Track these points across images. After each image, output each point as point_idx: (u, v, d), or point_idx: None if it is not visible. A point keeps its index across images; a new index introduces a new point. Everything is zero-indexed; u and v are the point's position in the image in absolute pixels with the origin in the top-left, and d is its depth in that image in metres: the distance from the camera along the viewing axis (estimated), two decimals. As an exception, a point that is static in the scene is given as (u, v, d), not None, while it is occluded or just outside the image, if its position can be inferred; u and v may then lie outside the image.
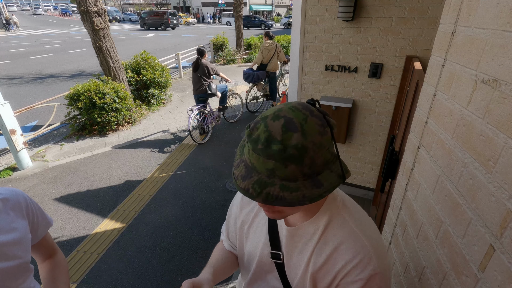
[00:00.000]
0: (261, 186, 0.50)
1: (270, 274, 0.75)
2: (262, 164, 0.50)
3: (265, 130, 0.50)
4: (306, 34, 2.67)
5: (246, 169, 0.53)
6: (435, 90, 0.85)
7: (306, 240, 0.66)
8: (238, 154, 0.59)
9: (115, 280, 2.33)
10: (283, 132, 0.49)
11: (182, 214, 3.09)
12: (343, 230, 0.62)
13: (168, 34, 22.85)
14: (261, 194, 0.49)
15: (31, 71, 10.01)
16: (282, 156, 0.48)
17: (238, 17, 11.48)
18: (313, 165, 0.50)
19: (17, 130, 3.84)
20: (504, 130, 0.53)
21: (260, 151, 0.50)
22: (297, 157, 0.48)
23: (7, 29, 24.33)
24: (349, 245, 0.60)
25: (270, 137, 0.49)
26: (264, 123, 0.51)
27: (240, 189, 0.52)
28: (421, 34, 2.24)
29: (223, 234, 0.92)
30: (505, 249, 0.51)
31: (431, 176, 0.84)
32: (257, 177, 0.51)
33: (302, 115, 0.51)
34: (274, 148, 0.48)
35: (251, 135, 0.52)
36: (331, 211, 0.64)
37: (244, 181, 0.52)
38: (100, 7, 4.94)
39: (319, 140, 0.50)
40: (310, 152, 0.49)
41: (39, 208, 0.88)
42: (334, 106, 2.70)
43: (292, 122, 0.50)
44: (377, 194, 2.96)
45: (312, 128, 0.50)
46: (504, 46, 0.55)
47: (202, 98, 4.63)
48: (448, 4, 0.82)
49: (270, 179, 0.50)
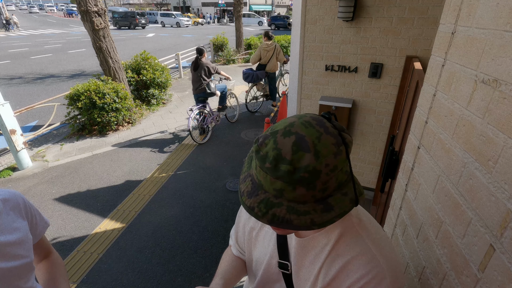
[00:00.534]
0: (267, 206, 0.47)
1: (277, 284, 0.72)
2: (269, 184, 0.47)
3: (274, 148, 0.46)
4: (306, 34, 2.67)
5: (252, 185, 0.50)
6: (435, 90, 0.85)
7: (317, 252, 0.62)
8: (246, 166, 0.55)
9: (115, 280, 2.33)
10: (294, 152, 0.45)
11: (182, 214, 3.09)
12: (356, 245, 0.58)
13: (168, 34, 22.85)
14: (266, 215, 0.46)
15: (31, 71, 10.01)
16: (291, 179, 0.45)
17: (238, 17, 11.48)
18: (325, 189, 0.47)
19: (17, 130, 3.84)
20: (504, 130, 0.53)
21: (267, 170, 0.46)
22: (308, 180, 0.45)
23: (7, 29, 24.33)
24: (362, 261, 0.56)
25: (279, 156, 0.45)
26: (274, 139, 0.47)
27: (245, 206, 0.49)
28: (421, 34, 2.24)
29: (231, 239, 0.90)
30: (505, 249, 0.51)
31: (431, 176, 0.84)
32: (263, 195, 0.48)
33: (316, 133, 0.46)
34: (282, 169, 0.45)
35: (259, 152, 0.48)
36: (345, 223, 0.60)
37: (250, 198, 0.49)
38: (100, 7, 4.94)
39: (333, 162, 0.46)
40: (323, 176, 0.45)
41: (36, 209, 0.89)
42: (334, 106, 2.70)
43: (304, 140, 0.45)
44: (377, 194, 2.96)
45: (326, 148, 0.46)
46: (504, 46, 0.55)
47: (202, 97, 4.65)
48: (448, 4, 0.82)
49: (277, 199, 0.47)
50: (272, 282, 0.74)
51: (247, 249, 0.81)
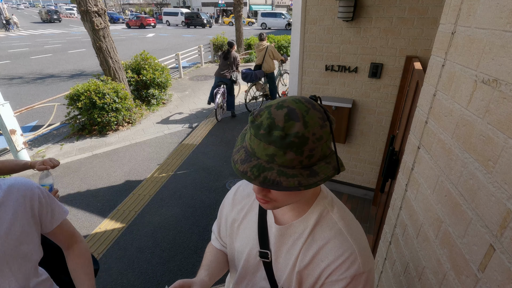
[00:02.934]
0: (259, 170, 0.51)
1: (258, 274, 0.75)
2: (262, 150, 0.51)
3: (268, 117, 0.52)
4: (306, 34, 2.67)
5: (246, 154, 0.55)
6: (435, 90, 0.85)
7: (295, 239, 0.67)
8: (239, 141, 0.60)
9: (115, 280, 2.32)
10: (286, 120, 0.50)
11: (182, 214, 3.09)
12: (331, 230, 0.63)
13: (168, 34, 22.85)
14: (258, 177, 0.51)
15: (31, 71, 10.00)
16: (283, 143, 0.49)
17: (238, 17, 11.48)
18: (311, 156, 0.52)
19: (17, 130, 3.84)
20: (504, 130, 0.53)
21: (261, 136, 0.51)
22: (297, 145, 0.50)
23: (7, 29, 24.33)
24: (335, 244, 0.62)
25: (273, 124, 0.51)
26: (268, 111, 0.53)
27: (238, 172, 0.53)
28: (421, 34, 2.24)
29: (214, 233, 0.92)
30: (505, 249, 0.51)
31: (431, 176, 0.84)
32: (256, 161, 0.52)
33: (305, 107, 0.52)
34: (275, 134, 0.50)
35: (254, 121, 0.53)
36: (321, 211, 0.66)
37: (243, 164, 0.53)
38: (100, 7, 4.94)
39: (319, 132, 0.52)
40: (310, 142, 0.50)
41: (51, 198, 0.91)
42: (334, 106, 2.71)
43: (294, 112, 0.51)
44: (377, 194, 2.96)
45: (313, 120, 0.52)
46: (504, 46, 0.55)
47: (223, 82, 5.42)
48: (448, 4, 0.82)
49: (269, 164, 0.51)
50: (252, 272, 0.76)
51: (228, 242, 0.84)
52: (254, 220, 0.75)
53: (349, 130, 2.88)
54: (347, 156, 3.02)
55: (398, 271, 1.06)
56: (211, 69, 10.57)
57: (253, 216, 0.76)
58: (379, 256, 1.34)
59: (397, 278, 1.06)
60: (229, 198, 0.85)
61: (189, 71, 10.08)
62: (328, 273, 0.61)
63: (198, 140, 4.82)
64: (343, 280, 0.60)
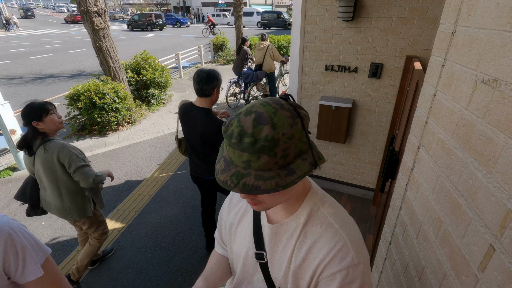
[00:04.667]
0: (238, 177, 0.52)
1: (255, 276, 0.76)
2: (238, 157, 0.53)
3: (237, 125, 0.53)
4: (306, 34, 2.67)
5: (225, 163, 0.56)
6: (435, 90, 0.85)
7: (288, 237, 0.67)
8: (220, 151, 0.61)
9: (115, 280, 2.32)
10: (254, 126, 0.52)
11: (182, 214, 3.09)
12: (322, 225, 0.64)
13: (168, 34, 22.84)
14: (238, 185, 0.52)
15: (31, 71, 10.00)
16: (254, 148, 0.50)
17: (238, 17, 11.48)
18: (286, 155, 0.52)
19: (17, 130, 3.84)
20: (504, 130, 0.53)
21: (234, 145, 0.53)
22: (268, 148, 0.50)
23: (7, 29, 24.33)
24: (327, 238, 0.62)
25: (242, 131, 0.52)
26: (238, 119, 0.54)
27: (219, 181, 0.55)
28: (421, 34, 2.24)
29: (216, 239, 0.93)
30: (505, 249, 0.51)
31: (431, 176, 0.84)
32: (234, 169, 0.53)
33: (272, 109, 0.53)
34: (246, 141, 0.51)
35: (227, 131, 0.55)
36: (311, 207, 0.66)
37: (223, 174, 0.55)
38: (100, 7, 4.94)
39: (290, 131, 0.52)
40: (281, 143, 0.51)
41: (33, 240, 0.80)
42: (334, 106, 2.70)
43: (262, 116, 0.52)
44: (377, 194, 2.96)
45: (282, 120, 0.52)
46: (504, 46, 0.55)
47: (237, 75, 6.19)
48: (448, 4, 0.82)
49: (246, 170, 0.52)
50: (250, 275, 0.77)
51: (228, 246, 0.85)
52: (250, 222, 0.76)
53: (349, 130, 2.88)
54: (347, 156, 3.02)
55: (398, 271, 1.06)
56: (211, 69, 10.56)
57: (249, 218, 0.77)
58: (379, 256, 1.34)
59: (397, 278, 1.06)
60: (226, 203, 0.86)
61: (189, 71, 10.08)
62: (323, 267, 0.61)
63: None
64: (339, 273, 0.59)
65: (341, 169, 3.11)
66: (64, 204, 1.89)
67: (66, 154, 1.76)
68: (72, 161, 1.77)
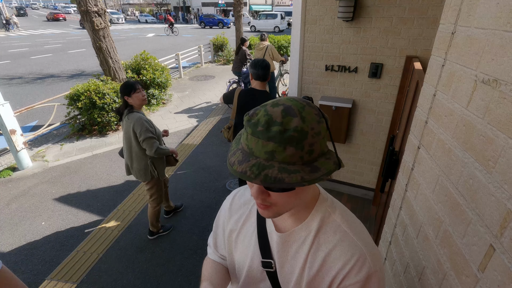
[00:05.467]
0: (259, 168, 0.49)
1: (262, 284, 0.73)
2: (261, 147, 0.50)
3: (265, 114, 0.51)
4: (306, 34, 2.67)
5: (243, 155, 0.53)
6: (435, 90, 0.85)
7: (298, 246, 0.65)
8: (234, 145, 0.59)
9: (115, 280, 2.32)
10: (283, 116, 0.50)
11: (182, 214, 3.09)
12: (336, 234, 0.62)
13: (168, 34, 22.84)
14: (259, 176, 0.48)
15: (31, 71, 10.00)
16: (282, 138, 0.48)
17: (238, 17, 11.48)
18: (311, 151, 0.51)
19: (17, 130, 3.84)
20: (504, 130, 0.53)
21: (260, 133, 0.50)
22: (297, 139, 0.49)
23: (7, 29, 24.33)
24: (344, 248, 0.60)
25: (271, 120, 0.50)
26: (264, 109, 0.53)
27: (236, 172, 0.51)
28: (421, 34, 2.24)
29: (210, 247, 0.88)
30: (505, 249, 0.51)
31: (431, 176, 0.84)
32: (255, 161, 0.50)
33: (300, 104, 0.53)
34: (274, 130, 0.49)
35: (251, 120, 0.53)
36: (322, 215, 0.64)
37: (241, 164, 0.51)
38: (100, 7, 4.94)
39: (317, 127, 0.51)
40: (309, 137, 0.50)
41: None
42: (334, 106, 2.70)
43: (291, 108, 0.51)
44: (377, 194, 2.96)
45: (310, 115, 0.51)
46: (504, 46, 0.55)
47: (237, 75, 6.17)
48: (448, 4, 0.82)
49: (269, 162, 0.49)
50: (256, 283, 0.74)
51: (228, 254, 0.80)
52: (253, 229, 0.73)
53: (349, 130, 2.88)
54: (347, 156, 3.02)
55: (398, 271, 1.06)
56: (211, 69, 10.57)
57: (252, 225, 0.74)
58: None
59: (397, 278, 1.06)
60: (225, 208, 0.81)
61: (189, 71, 10.08)
62: (341, 278, 0.59)
63: (198, 140, 4.83)
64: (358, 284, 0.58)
65: (341, 169, 3.12)
66: (133, 166, 2.33)
67: (139, 125, 2.15)
68: (142, 131, 2.15)
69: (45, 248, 2.66)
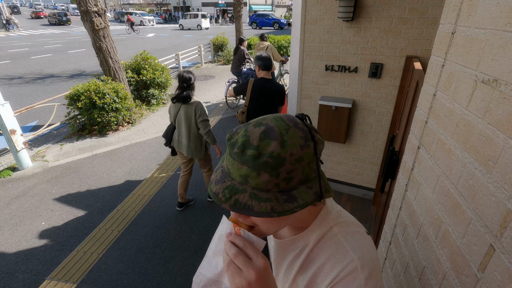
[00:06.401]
0: (231, 191, 0.47)
1: None
2: (236, 170, 0.48)
3: (243, 135, 0.49)
4: (306, 34, 2.67)
5: (222, 174, 0.51)
6: (435, 90, 0.85)
7: (295, 255, 0.63)
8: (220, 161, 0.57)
9: (115, 280, 2.33)
10: (261, 139, 0.47)
11: (182, 214, 3.09)
12: (331, 246, 0.58)
13: (167, 34, 22.84)
14: (229, 200, 0.47)
15: (31, 71, 10.00)
16: (256, 163, 0.46)
17: (238, 17, 11.48)
18: (290, 178, 0.47)
19: (17, 130, 3.84)
20: (504, 130, 0.53)
21: (235, 155, 0.48)
22: (271, 166, 0.45)
23: (7, 29, 24.33)
24: (336, 260, 0.56)
25: (247, 142, 0.47)
26: (245, 129, 0.50)
27: (211, 192, 0.50)
28: (421, 34, 2.24)
29: None
30: (505, 249, 0.51)
31: (431, 176, 0.84)
32: (229, 182, 0.48)
33: (285, 125, 0.49)
34: (248, 154, 0.46)
35: (231, 139, 0.51)
36: (323, 228, 0.60)
37: (217, 185, 0.50)
38: (100, 7, 4.94)
39: (299, 153, 0.47)
40: (287, 164, 0.46)
41: None
42: (334, 106, 2.70)
43: (272, 130, 0.48)
44: (377, 194, 2.96)
45: (293, 139, 0.47)
46: (504, 46, 0.55)
47: (235, 74, 6.31)
48: (448, 4, 0.82)
49: (242, 186, 0.47)
50: None
51: None
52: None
53: (349, 130, 2.88)
54: (347, 156, 3.02)
55: (398, 271, 1.06)
56: (211, 69, 10.57)
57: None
58: (379, 256, 1.34)
59: (397, 278, 1.06)
60: None
61: (189, 71, 10.07)
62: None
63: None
64: None
65: (341, 169, 3.12)
66: (190, 144, 2.73)
67: (200, 108, 2.61)
68: (201, 113, 2.62)
69: (45, 248, 2.66)
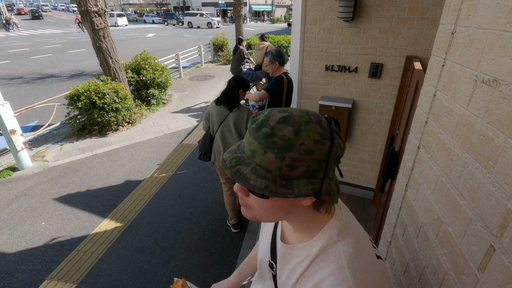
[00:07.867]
0: (238, 162, 0.51)
1: (267, 282, 0.77)
2: (248, 144, 0.51)
3: (266, 115, 0.52)
4: (306, 34, 2.67)
5: (237, 146, 0.55)
6: (435, 90, 0.85)
7: (298, 262, 0.62)
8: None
9: (115, 280, 2.33)
10: (279, 122, 0.49)
11: (182, 214, 3.09)
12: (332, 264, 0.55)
13: (168, 34, 22.85)
14: (233, 168, 0.50)
15: (31, 71, 10.00)
16: (266, 141, 0.48)
17: (238, 17, 11.49)
18: (293, 167, 0.48)
19: (17, 130, 3.84)
20: (504, 130, 0.53)
21: (251, 130, 0.51)
22: (279, 147, 0.47)
23: (7, 29, 24.33)
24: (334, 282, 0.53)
25: (265, 121, 0.50)
26: (270, 111, 0.53)
27: (222, 159, 0.54)
28: (421, 34, 2.24)
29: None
30: (505, 249, 0.51)
31: (431, 176, 0.84)
32: (239, 154, 0.52)
33: (307, 118, 0.50)
34: (262, 131, 0.49)
35: (255, 117, 0.54)
36: (329, 239, 0.58)
37: (229, 154, 0.54)
38: (100, 7, 4.94)
39: (311, 146, 0.47)
40: (295, 151, 0.47)
41: None
42: (334, 106, 2.70)
43: (293, 117, 0.50)
44: (377, 194, 2.96)
45: (309, 132, 0.48)
46: (504, 46, 0.55)
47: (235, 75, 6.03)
48: (448, 4, 0.82)
49: (248, 160, 0.50)
50: (265, 278, 0.79)
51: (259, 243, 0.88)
52: (270, 230, 0.76)
53: (349, 130, 2.88)
54: (347, 156, 3.02)
55: (398, 271, 1.06)
56: (211, 69, 10.57)
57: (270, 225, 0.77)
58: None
59: (397, 278, 1.06)
60: None
61: (189, 71, 10.08)
62: None
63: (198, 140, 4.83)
64: None
65: (341, 169, 3.12)
66: None
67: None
68: None
69: (45, 248, 2.66)
